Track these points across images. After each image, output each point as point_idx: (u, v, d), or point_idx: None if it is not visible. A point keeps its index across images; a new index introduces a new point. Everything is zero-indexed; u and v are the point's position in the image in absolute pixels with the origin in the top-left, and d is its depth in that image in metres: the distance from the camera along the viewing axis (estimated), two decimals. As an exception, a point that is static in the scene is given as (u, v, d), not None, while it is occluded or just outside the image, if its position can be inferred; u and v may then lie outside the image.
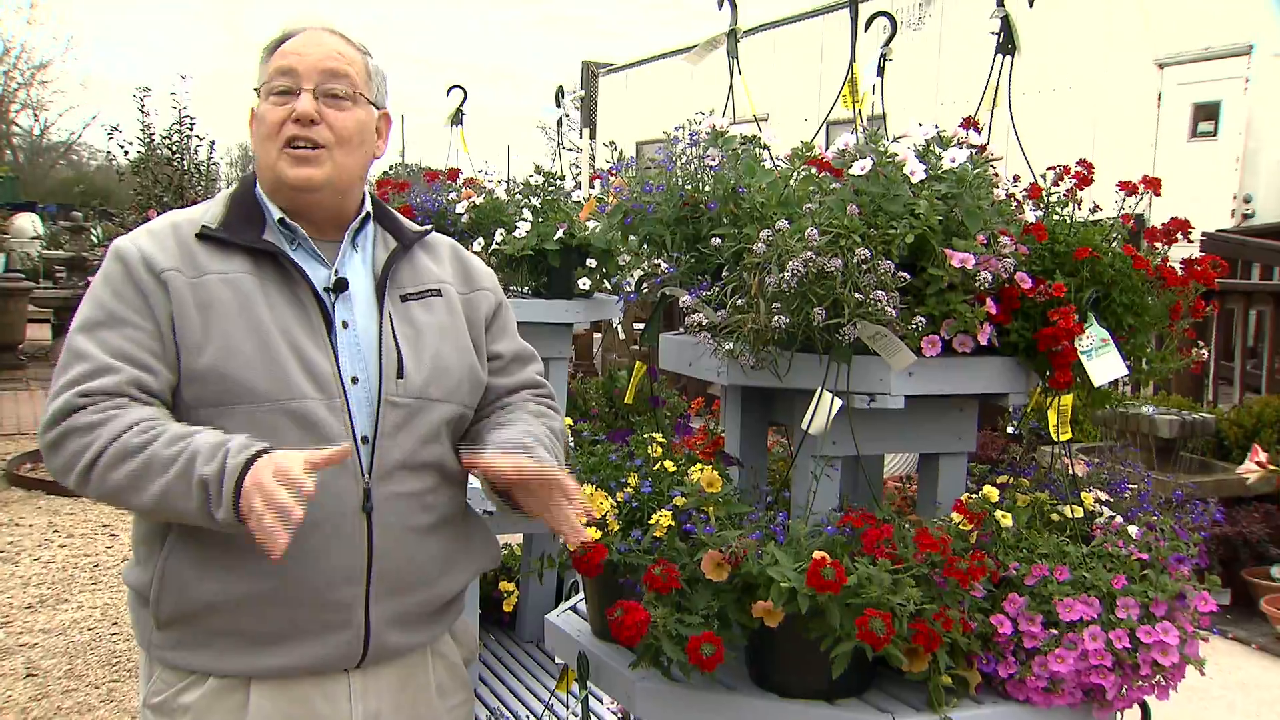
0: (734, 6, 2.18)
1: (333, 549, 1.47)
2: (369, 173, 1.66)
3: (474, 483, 1.61)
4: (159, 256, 1.49)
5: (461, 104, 3.21)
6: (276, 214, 1.56)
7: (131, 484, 1.38)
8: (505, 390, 1.71)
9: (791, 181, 1.86)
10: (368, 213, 1.63)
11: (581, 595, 2.03)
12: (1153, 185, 1.87)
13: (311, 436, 1.46)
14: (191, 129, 7.10)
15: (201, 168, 7.08)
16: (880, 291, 1.57)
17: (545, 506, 1.50)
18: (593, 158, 3.02)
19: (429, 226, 1.75)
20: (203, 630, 1.50)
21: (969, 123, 1.90)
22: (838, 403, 1.64)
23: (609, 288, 2.94)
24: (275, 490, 1.28)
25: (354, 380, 1.53)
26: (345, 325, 1.55)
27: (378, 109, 1.61)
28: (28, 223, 16.66)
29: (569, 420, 2.17)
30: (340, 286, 1.56)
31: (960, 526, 1.68)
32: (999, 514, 1.74)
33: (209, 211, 1.57)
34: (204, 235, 1.52)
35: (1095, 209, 1.87)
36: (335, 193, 1.57)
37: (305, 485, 1.29)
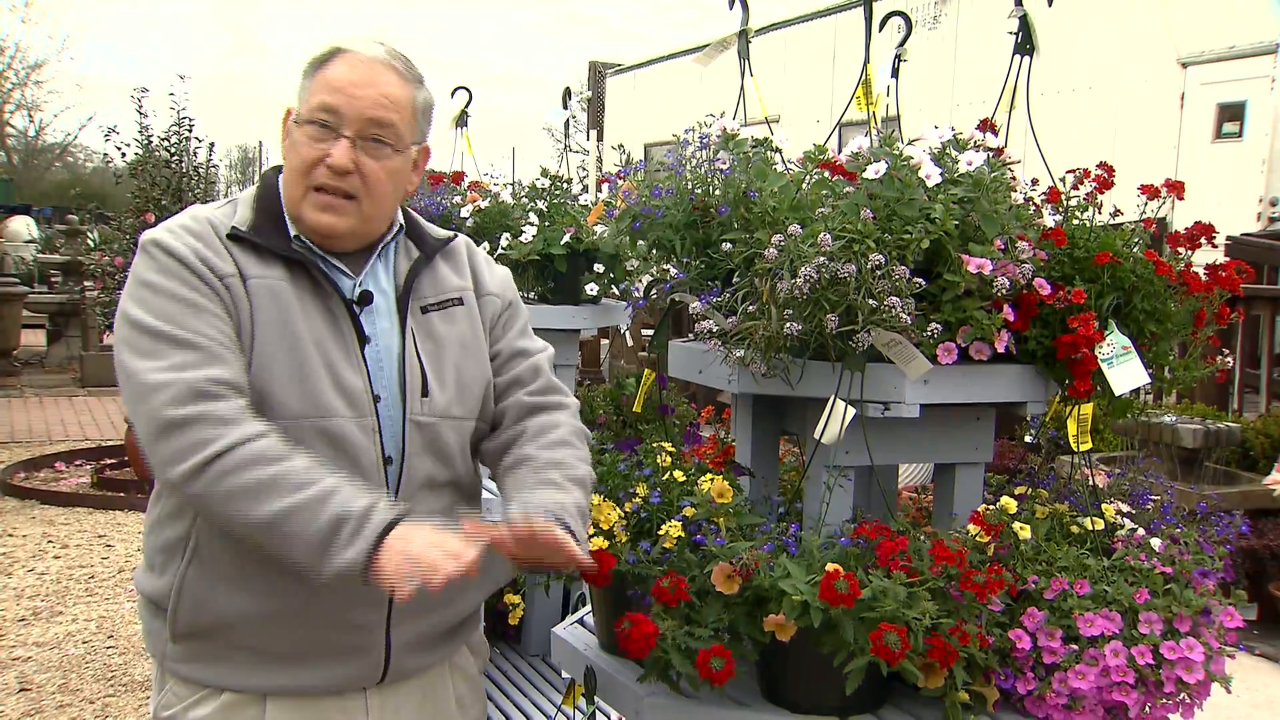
0: (745, 6, 2.14)
1: None
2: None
3: (484, 495, 1.58)
4: (215, 259, 1.42)
5: (466, 106, 3.18)
6: (294, 230, 1.49)
7: (254, 492, 1.31)
8: (529, 409, 1.62)
9: (804, 185, 1.83)
10: (400, 226, 1.58)
11: (589, 608, 2.01)
12: (1175, 188, 1.83)
13: (341, 456, 1.43)
14: (191, 131, 7.11)
15: (201, 170, 7.10)
16: (895, 298, 1.54)
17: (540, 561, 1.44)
18: (600, 160, 2.99)
19: (454, 233, 1.67)
20: (220, 645, 1.47)
21: (986, 124, 1.86)
22: (851, 411, 1.61)
23: (617, 293, 2.91)
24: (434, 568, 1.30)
25: (377, 398, 1.49)
26: (369, 340, 1.51)
27: (418, 145, 1.54)
28: (22, 226, 16.60)
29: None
30: (364, 299, 1.52)
31: (977, 539, 1.66)
32: (1017, 526, 1.71)
33: (236, 213, 1.49)
34: (235, 237, 1.46)
35: (1116, 213, 1.84)
36: (357, 237, 1.52)
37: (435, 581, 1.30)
